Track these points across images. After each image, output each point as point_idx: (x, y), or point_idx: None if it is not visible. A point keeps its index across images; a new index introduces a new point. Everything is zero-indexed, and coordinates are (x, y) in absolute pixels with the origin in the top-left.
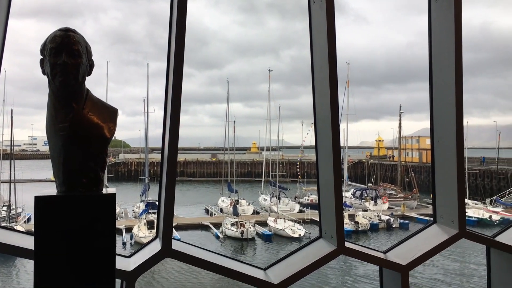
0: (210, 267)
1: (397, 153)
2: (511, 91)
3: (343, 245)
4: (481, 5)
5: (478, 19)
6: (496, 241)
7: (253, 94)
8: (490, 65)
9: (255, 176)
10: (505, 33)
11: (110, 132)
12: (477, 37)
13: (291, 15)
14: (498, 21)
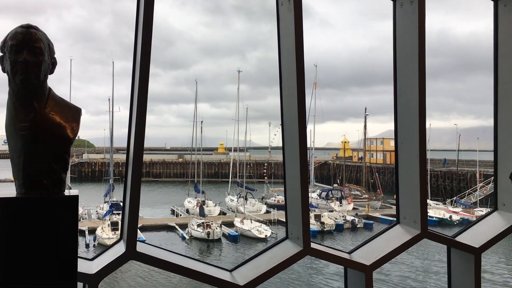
0: (175, 269)
1: (369, 156)
2: (469, 95)
3: (309, 246)
4: (439, 12)
5: (437, 26)
6: (456, 241)
7: (220, 95)
8: (449, 70)
9: (222, 177)
10: (462, 40)
11: (73, 132)
12: (437, 42)
13: (257, 17)
14: (455, 28)
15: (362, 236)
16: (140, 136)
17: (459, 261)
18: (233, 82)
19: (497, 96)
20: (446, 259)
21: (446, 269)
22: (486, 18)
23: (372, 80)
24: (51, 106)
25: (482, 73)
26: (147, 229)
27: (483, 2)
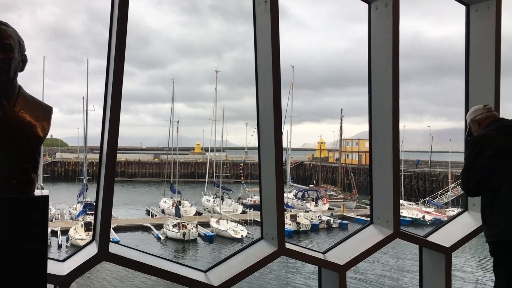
0: (148, 271)
1: (343, 156)
2: (441, 98)
3: (283, 247)
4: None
5: (410, 29)
6: (427, 240)
7: (196, 95)
8: (422, 73)
9: (199, 177)
10: (434, 44)
11: (44, 131)
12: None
13: (234, 18)
14: (428, 32)
15: (337, 236)
16: (114, 135)
17: (431, 260)
18: (210, 82)
19: (468, 99)
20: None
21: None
22: (458, 22)
23: (347, 81)
24: (21, 105)
25: (454, 76)
26: (122, 229)
27: (455, 7)
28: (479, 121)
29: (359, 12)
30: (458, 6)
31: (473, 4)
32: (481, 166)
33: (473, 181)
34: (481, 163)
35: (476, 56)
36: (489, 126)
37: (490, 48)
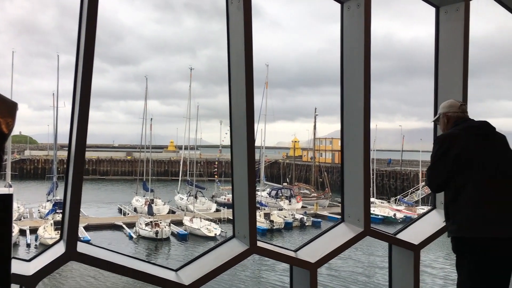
0: (117, 270)
1: (318, 155)
2: (412, 98)
3: (255, 245)
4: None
5: (382, 30)
6: (397, 238)
7: (170, 92)
8: (394, 73)
9: (172, 175)
10: (405, 45)
11: (8, 128)
12: (382, 47)
13: (208, 15)
14: (399, 33)
15: (310, 234)
16: (83, 132)
17: (400, 257)
18: (184, 79)
19: (437, 99)
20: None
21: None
22: (428, 24)
23: (321, 81)
24: None
25: (425, 77)
26: (93, 228)
27: (426, 9)
28: (449, 118)
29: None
30: (429, 8)
31: (443, 6)
32: (447, 164)
33: (439, 178)
34: (447, 162)
35: (445, 57)
36: (457, 125)
37: (458, 49)
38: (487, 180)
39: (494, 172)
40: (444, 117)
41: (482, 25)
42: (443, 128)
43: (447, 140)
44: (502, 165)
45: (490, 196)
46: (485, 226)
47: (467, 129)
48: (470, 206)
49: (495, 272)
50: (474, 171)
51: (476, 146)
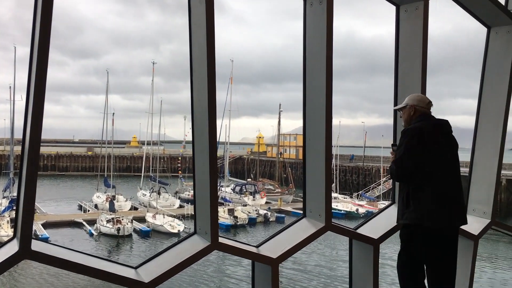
0: (74, 268)
1: (282, 151)
2: (374, 95)
3: (217, 241)
4: (347, 16)
5: (345, 28)
6: (357, 233)
7: (132, 87)
8: (356, 71)
9: (135, 171)
10: (367, 43)
11: None
12: (345, 44)
13: (171, 10)
14: (361, 31)
15: (274, 229)
16: (37, 126)
17: (360, 251)
18: (146, 74)
19: (397, 97)
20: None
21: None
22: (389, 22)
23: (286, 77)
24: None
25: (386, 75)
26: (52, 225)
27: (387, 7)
28: (416, 111)
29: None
30: (390, 7)
31: (403, 5)
32: (416, 156)
33: (406, 169)
34: (416, 153)
35: (404, 55)
36: (420, 120)
37: (417, 47)
38: (448, 175)
39: (453, 168)
40: (412, 108)
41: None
42: (406, 118)
43: (417, 134)
44: (457, 162)
45: (450, 190)
46: (445, 217)
47: (434, 125)
48: (434, 198)
49: (444, 257)
50: (438, 165)
51: (441, 142)
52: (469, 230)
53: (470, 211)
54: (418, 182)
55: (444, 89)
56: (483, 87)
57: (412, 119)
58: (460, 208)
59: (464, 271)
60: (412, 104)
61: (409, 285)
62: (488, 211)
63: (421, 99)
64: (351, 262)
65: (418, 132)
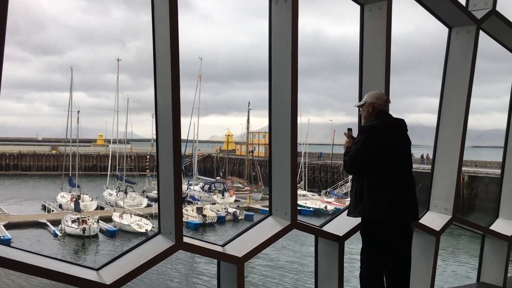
0: (32, 271)
1: (258, 149)
2: (340, 93)
3: (181, 241)
4: (313, 15)
5: (311, 27)
6: (322, 230)
7: (98, 84)
8: (323, 69)
9: (101, 170)
10: (333, 42)
11: None
12: (312, 43)
13: (137, 7)
14: (327, 31)
15: (243, 227)
16: None
17: (325, 248)
18: (112, 71)
19: (362, 95)
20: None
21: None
22: (355, 22)
23: (254, 75)
24: None
25: (351, 73)
26: (15, 226)
27: (352, 6)
28: (374, 108)
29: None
30: (355, 6)
31: (367, 4)
32: (371, 152)
33: (360, 164)
34: (372, 150)
35: (369, 54)
36: (378, 118)
37: (381, 46)
38: (401, 171)
39: (406, 165)
40: (370, 106)
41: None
42: (365, 115)
43: (374, 131)
44: (410, 160)
45: (403, 186)
46: (397, 212)
47: (390, 124)
48: (387, 193)
49: (397, 249)
50: (392, 163)
51: (396, 141)
52: (431, 226)
53: (432, 207)
54: (371, 177)
55: (409, 87)
56: (445, 86)
57: (371, 116)
58: (413, 204)
59: (426, 266)
60: (370, 101)
61: (372, 281)
62: (450, 207)
63: (379, 97)
64: (317, 259)
65: (375, 130)
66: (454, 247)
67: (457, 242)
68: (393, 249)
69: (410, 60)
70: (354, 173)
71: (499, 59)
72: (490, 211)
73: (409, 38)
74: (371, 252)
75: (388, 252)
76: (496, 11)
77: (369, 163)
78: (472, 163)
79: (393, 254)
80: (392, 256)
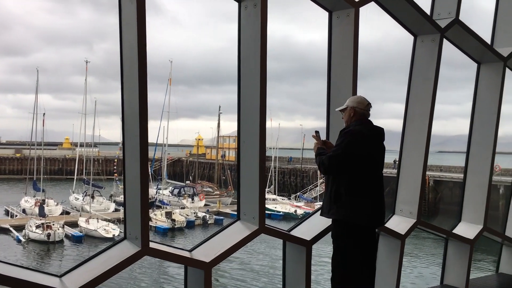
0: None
1: (229, 154)
2: (310, 98)
3: (147, 246)
4: (282, 21)
5: (280, 33)
6: (290, 234)
7: (64, 86)
8: (293, 74)
9: (67, 174)
10: (302, 47)
11: None
12: (280, 48)
13: (104, 8)
14: (296, 36)
15: (212, 231)
16: None
17: (293, 253)
18: (79, 73)
19: (330, 100)
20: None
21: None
22: (323, 28)
23: (224, 79)
24: None
25: (320, 79)
26: None
27: (320, 13)
28: (356, 112)
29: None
30: (323, 13)
31: (335, 11)
32: (351, 156)
33: (337, 165)
34: (352, 154)
35: (337, 60)
36: (359, 124)
37: (349, 52)
38: (375, 177)
39: (380, 172)
40: (352, 110)
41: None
42: (346, 119)
43: (355, 137)
44: (382, 167)
45: (376, 191)
46: (370, 216)
47: (372, 131)
48: (361, 197)
49: (367, 251)
50: (368, 168)
51: (375, 149)
52: (396, 230)
53: (398, 212)
54: (350, 181)
55: (376, 93)
56: (410, 92)
57: (352, 120)
58: (383, 209)
59: (392, 269)
60: (352, 106)
61: (345, 283)
62: (414, 211)
63: (361, 101)
64: (285, 263)
65: (356, 136)
66: (420, 249)
67: (423, 245)
68: (363, 252)
69: (377, 67)
70: (330, 174)
71: (462, 67)
72: (455, 215)
73: (376, 45)
74: (344, 255)
75: (359, 255)
76: (459, 20)
77: (348, 166)
78: (437, 167)
79: (363, 257)
80: (361, 259)
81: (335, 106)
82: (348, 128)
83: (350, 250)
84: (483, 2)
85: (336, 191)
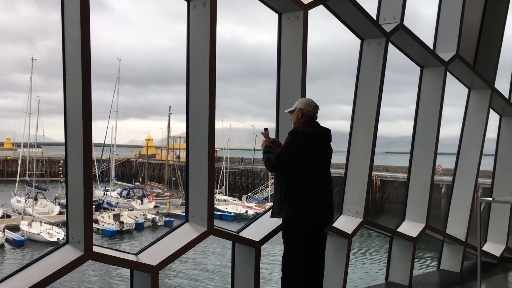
0: None
1: (172, 154)
2: (260, 99)
3: (90, 251)
4: (231, 22)
5: (230, 34)
6: (239, 236)
7: (4, 84)
8: (242, 75)
9: (8, 175)
10: (251, 49)
11: None
12: (230, 49)
13: (48, 4)
14: (246, 38)
15: (162, 233)
16: None
17: (242, 254)
18: (21, 70)
19: (279, 102)
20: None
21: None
22: (272, 30)
23: (173, 79)
24: None
25: (270, 80)
26: None
27: (270, 15)
28: (303, 114)
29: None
30: (273, 14)
31: (285, 13)
32: (298, 156)
33: (283, 163)
34: (299, 154)
35: (286, 62)
36: (307, 125)
37: (298, 54)
38: (322, 177)
39: (327, 172)
40: (299, 111)
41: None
42: (295, 121)
43: (302, 137)
44: (329, 167)
45: (323, 190)
46: (318, 215)
47: (318, 132)
48: (309, 196)
49: (317, 250)
50: (315, 168)
51: (322, 149)
52: (343, 229)
53: (345, 211)
54: (294, 180)
55: (324, 95)
56: (357, 95)
57: (299, 121)
58: (330, 208)
59: (339, 267)
60: (300, 107)
61: (295, 283)
62: (361, 210)
63: (308, 103)
64: (233, 264)
65: (303, 136)
66: (367, 246)
67: (370, 242)
68: (312, 252)
69: (325, 69)
70: (276, 171)
71: (407, 71)
72: (400, 213)
73: (324, 48)
74: (293, 254)
75: (308, 255)
76: (404, 25)
77: (294, 165)
78: (384, 168)
79: (311, 256)
80: (310, 258)
81: (284, 107)
82: (296, 129)
83: (299, 249)
84: (425, 8)
85: (285, 191)
